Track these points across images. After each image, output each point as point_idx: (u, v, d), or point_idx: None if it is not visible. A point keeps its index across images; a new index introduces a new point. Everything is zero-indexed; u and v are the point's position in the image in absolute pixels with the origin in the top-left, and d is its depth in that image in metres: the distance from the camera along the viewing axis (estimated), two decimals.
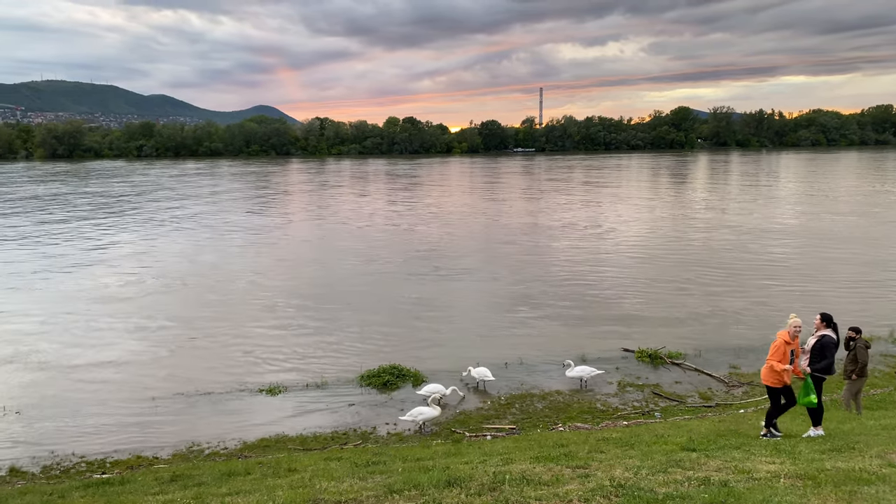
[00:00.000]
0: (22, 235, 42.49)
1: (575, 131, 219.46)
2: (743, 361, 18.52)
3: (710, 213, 51.31)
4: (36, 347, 20.16)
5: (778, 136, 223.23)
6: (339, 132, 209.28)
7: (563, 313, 23.57)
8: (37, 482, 11.98)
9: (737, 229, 42.23)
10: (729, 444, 9.47)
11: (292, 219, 52.29)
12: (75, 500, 9.26)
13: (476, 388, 16.68)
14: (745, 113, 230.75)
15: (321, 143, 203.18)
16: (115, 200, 65.40)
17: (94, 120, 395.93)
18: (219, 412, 15.50)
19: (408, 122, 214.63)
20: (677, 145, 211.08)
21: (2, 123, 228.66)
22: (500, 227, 45.30)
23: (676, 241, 38.05)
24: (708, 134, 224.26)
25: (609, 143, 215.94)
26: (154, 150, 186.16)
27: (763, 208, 53.90)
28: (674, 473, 7.27)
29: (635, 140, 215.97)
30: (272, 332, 21.68)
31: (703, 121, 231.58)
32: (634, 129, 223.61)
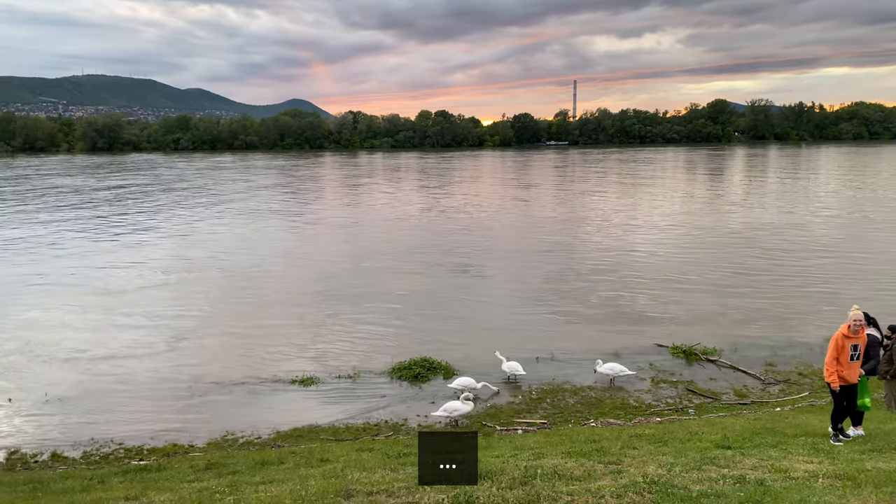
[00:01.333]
0: (62, 226, 43.48)
1: (609, 124, 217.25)
2: (780, 359, 18.18)
3: (748, 208, 50.41)
4: (76, 336, 20.64)
5: (818, 129, 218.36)
6: (372, 126, 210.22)
7: (596, 308, 23.38)
8: (77, 467, 12.28)
9: (775, 225, 41.44)
10: (765, 442, 9.31)
11: (326, 212, 52.68)
12: (114, 486, 9.46)
13: (507, 382, 16.64)
14: (784, 106, 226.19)
15: (354, 136, 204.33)
16: (153, 192, 66.60)
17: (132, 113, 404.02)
18: (253, 402, 15.71)
19: (440, 115, 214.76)
20: (714, 139, 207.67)
21: (45, 117, 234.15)
22: (532, 222, 45.08)
23: (713, 237, 37.47)
24: (745, 127, 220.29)
25: (644, 136, 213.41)
26: (191, 144, 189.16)
27: (803, 203, 52.79)
28: (708, 471, 7.18)
29: (671, 133, 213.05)
30: (305, 324, 21.88)
31: (740, 114, 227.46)
32: (670, 122, 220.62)
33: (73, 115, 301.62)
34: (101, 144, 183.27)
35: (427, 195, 64.04)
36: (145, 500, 7.49)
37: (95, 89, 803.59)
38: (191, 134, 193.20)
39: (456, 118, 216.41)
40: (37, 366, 18.11)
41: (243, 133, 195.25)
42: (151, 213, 50.95)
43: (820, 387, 15.90)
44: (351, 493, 6.80)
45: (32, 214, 49.70)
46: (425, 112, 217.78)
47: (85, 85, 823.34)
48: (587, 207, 51.99)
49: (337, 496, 6.73)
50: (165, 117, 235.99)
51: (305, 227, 44.27)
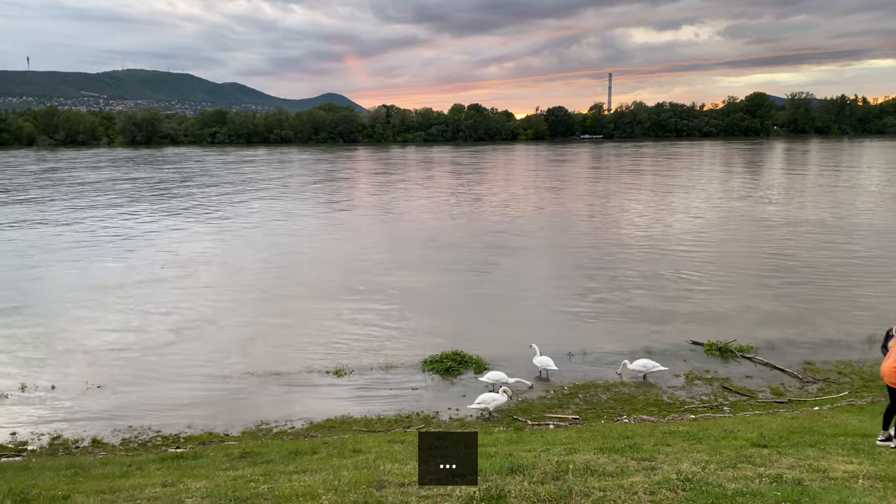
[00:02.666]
0: (98, 218, 44.44)
1: (645, 117, 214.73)
2: (818, 357, 17.81)
3: (787, 203, 49.42)
4: (117, 325, 21.12)
5: (861, 122, 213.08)
6: (405, 119, 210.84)
7: (630, 304, 23.16)
8: (116, 453, 12.58)
9: (816, 221, 40.57)
10: (803, 441, 9.14)
11: (359, 205, 53.03)
12: (152, 472, 9.66)
13: (539, 377, 16.59)
14: (825, 99, 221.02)
15: (387, 130, 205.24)
16: (193, 185, 67.71)
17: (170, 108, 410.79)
18: (287, 392, 15.91)
19: (473, 109, 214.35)
20: (752, 132, 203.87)
21: (86, 111, 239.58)
22: (565, 216, 44.80)
23: (750, 233, 36.81)
24: (785, 121, 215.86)
25: (680, 129, 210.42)
26: (227, 137, 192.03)
27: (845, 199, 51.56)
28: (744, 469, 7.07)
29: (708, 127, 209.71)
30: (339, 315, 22.05)
31: (780, 107, 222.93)
32: (707, 115, 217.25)
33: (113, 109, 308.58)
34: (140, 138, 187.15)
35: (459, 189, 64.00)
36: (182, 487, 7.63)
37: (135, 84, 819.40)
38: (227, 128, 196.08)
39: (489, 112, 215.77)
40: (78, 355, 18.57)
41: (278, 127, 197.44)
42: (189, 206, 51.79)
43: (860, 386, 15.57)
44: (383, 485, 6.86)
45: (70, 206, 50.88)
46: (458, 105, 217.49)
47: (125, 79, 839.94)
48: (622, 203, 51.46)
49: (369, 487, 6.79)
50: (202, 111, 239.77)
51: (339, 221, 44.59)
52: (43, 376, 16.89)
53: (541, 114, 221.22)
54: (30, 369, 17.41)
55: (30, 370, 17.35)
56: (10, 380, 16.64)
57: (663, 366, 16.47)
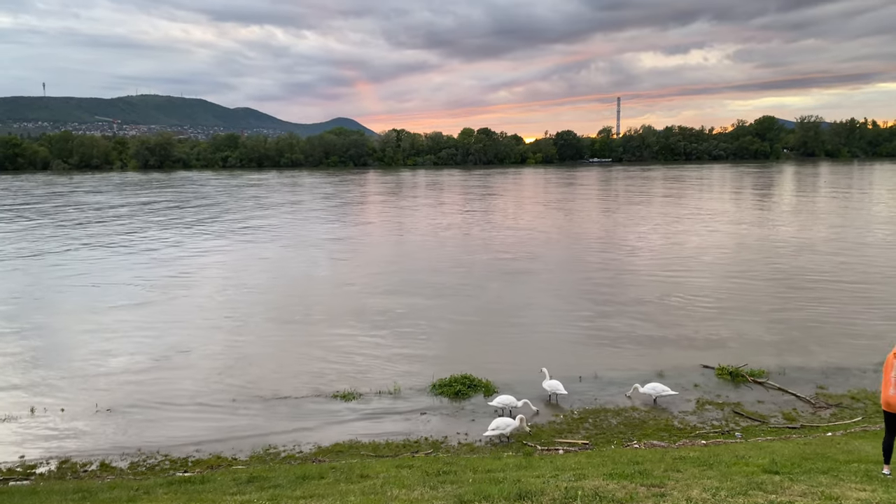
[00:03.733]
0: (109, 241, 44.77)
1: (654, 141, 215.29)
2: (831, 382, 17.62)
3: (798, 227, 49.18)
4: (126, 348, 21.18)
5: (871, 146, 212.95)
6: (415, 144, 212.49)
7: (640, 328, 23.02)
8: (124, 477, 12.56)
9: (827, 245, 40.33)
10: (815, 467, 9.02)
11: (369, 228, 53.20)
12: (159, 497, 9.65)
13: (548, 401, 16.48)
14: (834, 122, 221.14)
15: (397, 154, 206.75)
16: (203, 208, 68.20)
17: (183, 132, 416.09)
18: (295, 416, 15.86)
19: (482, 133, 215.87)
20: (761, 156, 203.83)
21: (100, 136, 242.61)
22: (574, 240, 44.75)
23: (761, 257, 36.61)
24: (794, 144, 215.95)
25: (689, 153, 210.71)
26: (238, 161, 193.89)
27: (856, 223, 51.29)
28: (755, 496, 6.99)
29: (717, 150, 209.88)
30: (347, 339, 22.03)
31: (789, 130, 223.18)
32: (716, 139, 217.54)
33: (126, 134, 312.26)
34: (153, 162, 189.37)
35: (468, 213, 64.14)
36: None
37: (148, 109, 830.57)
38: (239, 152, 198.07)
39: (498, 136, 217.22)
40: (88, 378, 18.62)
41: (289, 151, 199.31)
42: (198, 229, 52.11)
43: (874, 412, 15.37)
44: None
45: (87, 229, 51.32)
46: (468, 130, 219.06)
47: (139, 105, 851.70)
48: (631, 226, 51.38)
49: None
50: (215, 136, 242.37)
51: (347, 243, 44.70)
52: (52, 399, 16.93)
53: (550, 138, 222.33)
54: (39, 392, 17.47)
55: (39, 393, 17.40)
56: (19, 402, 16.70)
57: (674, 390, 16.35)
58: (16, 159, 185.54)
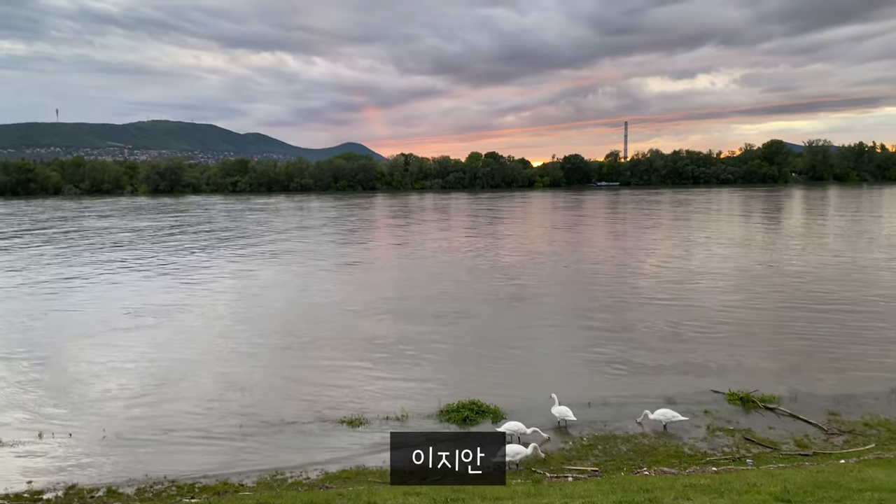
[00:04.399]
0: (119, 266, 45.01)
1: (661, 165, 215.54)
2: (843, 408, 17.42)
3: (807, 250, 48.93)
4: (134, 372, 21.21)
5: (880, 169, 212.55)
6: (423, 168, 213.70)
7: (649, 353, 22.88)
8: (131, 503, 12.51)
9: (837, 269, 40.08)
10: (828, 496, 8.90)
11: (375, 252, 53.27)
12: None
13: (557, 427, 16.36)
14: (843, 146, 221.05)
15: (405, 178, 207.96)
16: (214, 231, 68.57)
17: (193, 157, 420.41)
18: (302, 442, 15.79)
19: (490, 156, 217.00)
20: (770, 179, 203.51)
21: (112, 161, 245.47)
22: (582, 264, 44.65)
23: (770, 281, 36.42)
24: (803, 168, 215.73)
25: (697, 177, 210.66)
26: (248, 186, 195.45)
27: (866, 246, 50.98)
28: None
29: (725, 174, 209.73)
30: (354, 364, 21.99)
31: (797, 154, 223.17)
32: (724, 162, 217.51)
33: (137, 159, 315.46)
34: (163, 187, 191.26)
35: (475, 236, 64.19)
36: None
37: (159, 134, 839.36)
38: (248, 177, 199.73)
39: (506, 159, 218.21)
40: (95, 402, 18.63)
41: (299, 176, 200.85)
42: (210, 252, 52.35)
43: (888, 438, 15.19)
44: None
45: (93, 253, 51.65)
46: (475, 154, 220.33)
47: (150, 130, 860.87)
48: (640, 250, 51.26)
49: None
50: (224, 160, 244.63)
51: (353, 268, 44.76)
52: (59, 424, 16.93)
53: (557, 161, 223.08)
54: (46, 417, 17.48)
55: (46, 418, 17.41)
56: (27, 427, 16.71)
57: (683, 416, 16.21)
58: (28, 184, 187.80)
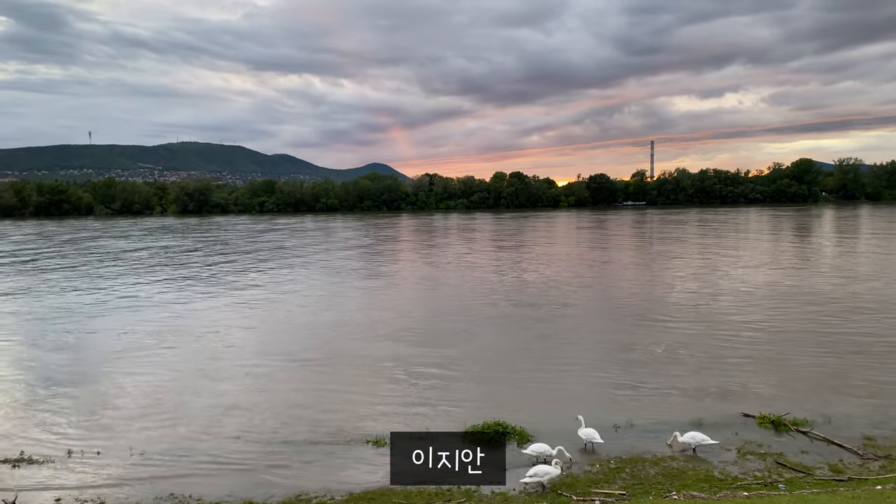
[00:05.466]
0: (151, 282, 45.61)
1: (689, 184, 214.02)
2: (879, 432, 16.95)
3: (837, 272, 48.06)
4: (159, 392, 21.39)
5: None
6: (448, 188, 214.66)
7: (677, 374, 22.54)
8: None
9: (869, 290, 39.27)
10: None
11: (399, 273, 53.34)
12: None
13: (584, 449, 16.14)
14: (875, 164, 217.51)
15: (430, 198, 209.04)
16: (239, 250, 69.30)
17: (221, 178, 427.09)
18: (326, 461, 15.77)
19: (514, 176, 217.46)
20: (799, 199, 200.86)
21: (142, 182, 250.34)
22: (608, 284, 44.29)
23: (802, 303, 35.75)
24: (833, 187, 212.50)
25: (725, 196, 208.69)
26: (275, 206, 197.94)
27: None
28: None
29: (753, 193, 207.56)
30: (378, 384, 21.96)
31: (827, 173, 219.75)
32: (753, 182, 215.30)
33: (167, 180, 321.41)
34: (192, 207, 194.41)
35: (500, 255, 64.02)
36: None
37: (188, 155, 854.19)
38: (275, 197, 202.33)
39: (531, 179, 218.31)
40: (122, 422, 18.81)
41: (325, 196, 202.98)
42: (235, 272, 52.85)
43: None
44: None
45: (120, 274, 52.43)
46: (500, 174, 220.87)
47: (179, 151, 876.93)
48: (667, 270, 50.74)
49: None
50: (252, 181, 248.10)
51: (377, 287, 44.85)
52: (89, 442, 17.12)
53: (583, 181, 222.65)
54: (76, 435, 17.69)
55: (76, 436, 17.62)
56: (56, 445, 16.92)
57: (713, 439, 15.91)
58: (61, 205, 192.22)
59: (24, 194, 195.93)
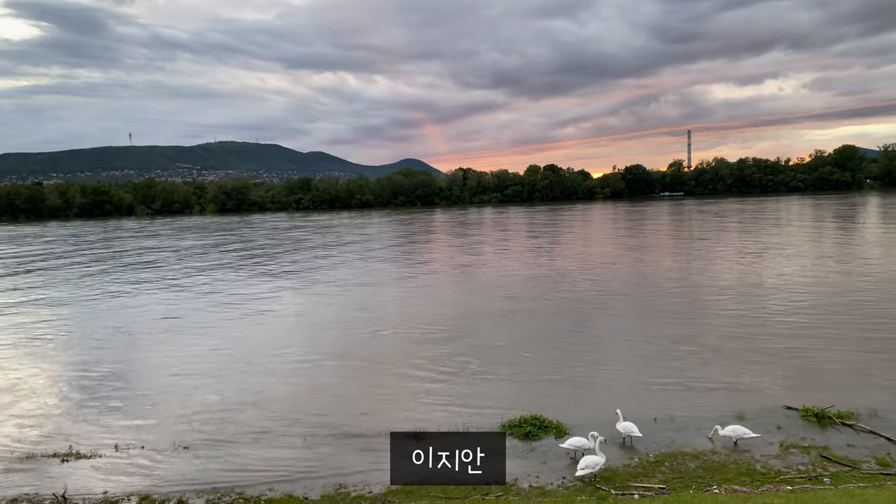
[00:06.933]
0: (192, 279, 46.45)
1: (727, 174, 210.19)
2: None
3: (883, 260, 46.75)
4: (200, 387, 21.80)
5: None
6: (481, 182, 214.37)
7: (718, 367, 22.20)
8: None
9: None
10: None
11: (435, 266, 53.41)
12: None
13: (622, 443, 16.01)
14: None
15: (464, 192, 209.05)
16: (272, 249, 70.18)
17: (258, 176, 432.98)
18: (364, 455, 15.89)
19: (549, 169, 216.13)
20: (842, 186, 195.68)
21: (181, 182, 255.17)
22: (646, 276, 43.74)
23: (844, 292, 34.88)
24: (878, 173, 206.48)
25: (765, 185, 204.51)
26: (311, 203, 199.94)
27: None
28: None
29: (794, 182, 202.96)
30: (414, 378, 22.05)
31: (871, 159, 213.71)
32: (793, 170, 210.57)
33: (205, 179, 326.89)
34: (230, 206, 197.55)
35: (536, 248, 63.71)
36: None
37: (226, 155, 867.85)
38: (311, 194, 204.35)
39: (565, 171, 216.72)
40: (166, 415, 19.22)
41: (359, 192, 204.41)
42: (281, 266, 53.51)
43: None
44: None
45: (159, 270, 53.48)
46: (534, 166, 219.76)
47: (217, 151, 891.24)
48: (709, 261, 49.93)
49: None
50: (288, 179, 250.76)
51: (413, 282, 44.97)
52: (134, 435, 17.55)
53: (618, 172, 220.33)
54: (121, 429, 18.13)
55: (122, 430, 18.06)
56: (104, 439, 17.37)
57: (755, 432, 15.64)
58: (104, 206, 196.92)
59: (68, 196, 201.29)
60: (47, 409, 20.13)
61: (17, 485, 14.77)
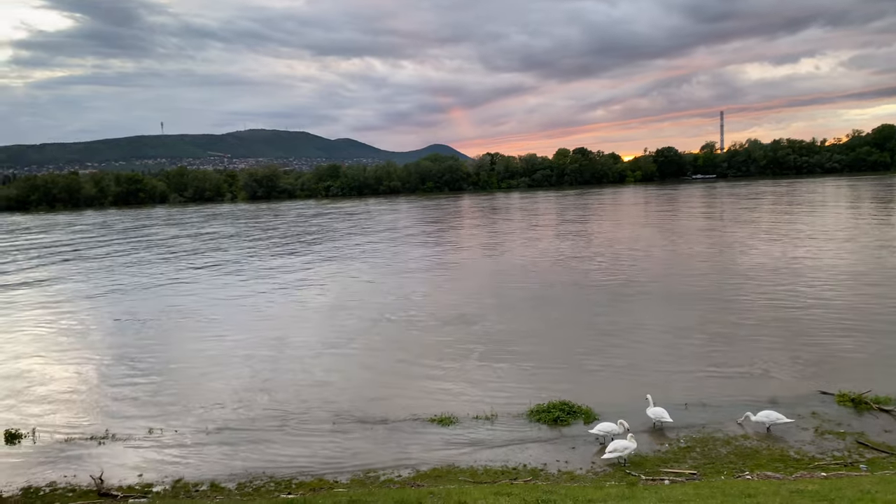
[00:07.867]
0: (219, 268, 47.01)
1: (761, 155, 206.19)
2: None
3: None
4: (233, 373, 22.09)
5: None
6: (509, 166, 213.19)
7: (750, 351, 21.84)
8: (232, 498, 13.03)
9: None
10: None
11: (464, 252, 53.37)
12: None
13: (653, 429, 15.86)
14: None
15: (491, 177, 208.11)
16: (303, 232, 70.70)
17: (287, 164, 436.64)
18: (393, 440, 15.99)
19: (578, 152, 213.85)
20: (881, 167, 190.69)
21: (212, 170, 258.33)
22: (679, 260, 43.20)
23: (883, 279, 34.07)
24: None
25: (800, 167, 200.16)
26: (339, 190, 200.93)
27: None
28: None
29: (830, 163, 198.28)
30: (444, 362, 22.08)
31: None
32: (829, 150, 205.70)
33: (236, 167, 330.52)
34: (261, 193, 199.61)
35: (566, 233, 63.29)
36: None
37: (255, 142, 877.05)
38: (340, 181, 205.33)
39: (595, 155, 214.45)
40: (200, 400, 19.52)
41: (387, 179, 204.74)
42: (298, 254, 53.93)
43: None
44: None
45: (197, 256, 54.21)
46: (563, 150, 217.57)
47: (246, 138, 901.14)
48: (744, 244, 49.11)
49: None
50: (317, 166, 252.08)
51: (442, 268, 44.97)
52: (168, 420, 17.86)
53: (649, 155, 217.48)
54: (155, 414, 18.46)
55: (156, 415, 18.39)
56: (138, 424, 17.71)
57: (789, 418, 15.38)
58: (138, 194, 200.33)
59: (102, 185, 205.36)
60: (85, 394, 20.56)
61: (58, 467, 15.16)
